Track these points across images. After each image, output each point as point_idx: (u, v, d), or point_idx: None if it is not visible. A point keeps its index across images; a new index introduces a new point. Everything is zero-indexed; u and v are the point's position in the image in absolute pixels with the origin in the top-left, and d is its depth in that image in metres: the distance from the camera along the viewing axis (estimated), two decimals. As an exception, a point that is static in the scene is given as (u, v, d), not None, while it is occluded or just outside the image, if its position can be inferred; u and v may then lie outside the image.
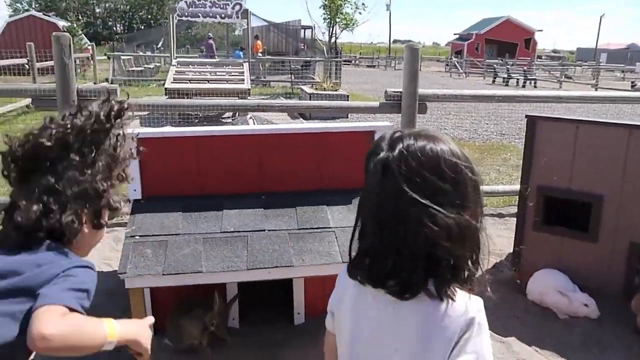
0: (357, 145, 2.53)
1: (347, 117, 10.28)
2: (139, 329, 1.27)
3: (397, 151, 1.05)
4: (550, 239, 3.30)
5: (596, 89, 20.99)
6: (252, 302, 2.78)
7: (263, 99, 13.24)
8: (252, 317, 2.72)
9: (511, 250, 3.65)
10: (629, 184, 3.06)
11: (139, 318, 2.15)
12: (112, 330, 1.17)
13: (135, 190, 2.52)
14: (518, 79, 25.39)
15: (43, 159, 1.27)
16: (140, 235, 2.30)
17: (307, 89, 12.65)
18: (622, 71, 31.47)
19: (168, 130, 2.67)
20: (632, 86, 23.47)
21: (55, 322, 1.08)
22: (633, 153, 3.03)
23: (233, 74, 11.59)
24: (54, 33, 4.36)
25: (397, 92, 4.78)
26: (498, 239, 4.38)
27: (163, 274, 2.12)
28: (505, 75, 25.80)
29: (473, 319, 1.06)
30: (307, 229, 2.35)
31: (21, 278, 1.16)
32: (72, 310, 1.12)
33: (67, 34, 4.32)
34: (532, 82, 24.77)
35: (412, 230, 1.01)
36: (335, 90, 11.99)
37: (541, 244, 3.33)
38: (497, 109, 12.36)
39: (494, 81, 26.71)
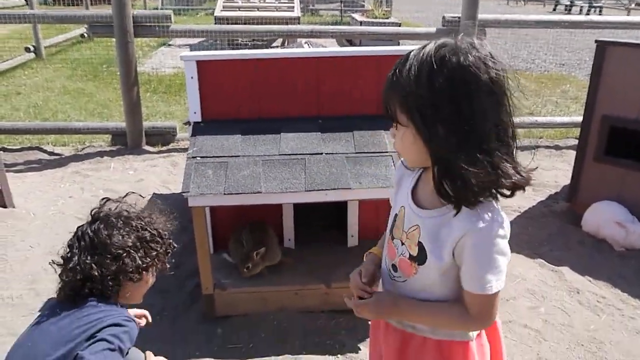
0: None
1: (399, 46, 9.97)
2: None
3: None
4: (612, 171, 3.20)
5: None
6: (308, 224, 2.86)
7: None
8: (307, 239, 2.80)
9: (567, 183, 3.58)
10: (703, 114, 2.90)
11: (200, 236, 2.28)
12: None
13: (195, 113, 2.57)
14: (582, 7, 23.78)
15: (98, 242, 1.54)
16: (201, 157, 2.36)
17: (357, 16, 12.27)
18: (699, -2, 28.92)
19: (227, 53, 2.67)
20: None
21: None
22: None
23: (282, 1, 11.33)
24: (108, -43, 4.35)
25: (455, 17, 4.61)
26: (553, 171, 4.29)
27: (224, 194, 2.18)
28: (568, 3, 24.21)
29: None
30: (364, 152, 2.35)
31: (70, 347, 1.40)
32: None
33: (122, -43, 4.30)
34: (597, 10, 23.17)
35: None
36: (387, 18, 11.58)
37: (601, 176, 3.24)
38: (558, 38, 11.69)
39: (554, 9, 25.14)
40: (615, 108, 3.14)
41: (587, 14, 22.44)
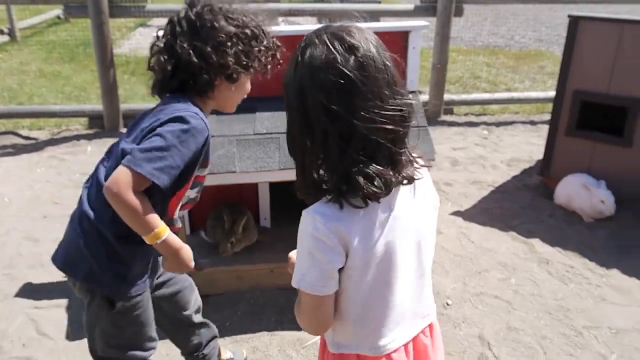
0: (391, 46, 2.48)
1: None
2: (181, 249, 1.41)
3: None
4: (583, 144, 3.27)
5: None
6: (283, 203, 2.88)
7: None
8: (283, 218, 2.83)
9: (541, 157, 3.64)
10: (669, 87, 2.96)
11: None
12: (157, 235, 1.34)
13: (168, 93, 2.57)
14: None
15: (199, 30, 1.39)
16: (175, 137, 2.37)
17: (337, -6, 12.16)
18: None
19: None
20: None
21: (124, 190, 1.26)
22: (677, 55, 2.90)
23: (261, -21, 11.18)
24: None
25: (432, -7, 4.60)
26: (529, 146, 4.36)
27: (198, 174, 2.20)
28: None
29: None
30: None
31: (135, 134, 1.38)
32: (145, 179, 1.27)
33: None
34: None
35: None
36: (367, -4, 11.50)
37: (573, 149, 3.30)
38: (537, 14, 11.75)
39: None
40: (586, 82, 3.19)
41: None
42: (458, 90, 6.21)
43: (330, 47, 0.95)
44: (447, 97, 5.02)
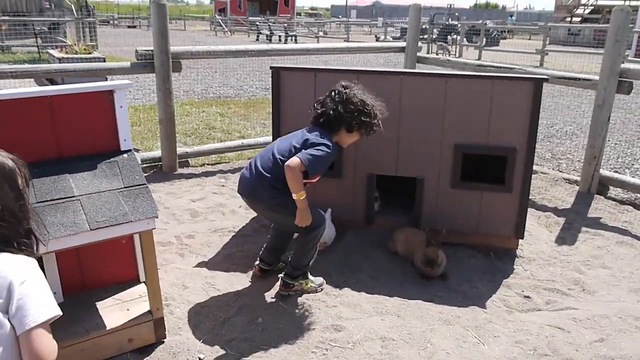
0: (95, 106, 2.38)
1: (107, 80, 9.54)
2: (307, 209, 2.66)
3: None
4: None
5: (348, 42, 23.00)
6: None
7: None
8: None
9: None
10: (362, 122, 3.46)
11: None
12: (300, 195, 2.60)
13: None
14: (280, 36, 26.45)
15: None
16: None
17: (55, 53, 11.31)
18: (369, 26, 35.00)
19: None
20: (376, 39, 26.31)
21: (297, 166, 2.53)
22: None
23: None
24: None
25: (148, 50, 4.62)
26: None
27: None
28: (268, 32, 26.67)
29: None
30: (47, 201, 2.16)
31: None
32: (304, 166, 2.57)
33: None
34: (293, 38, 26.06)
35: None
36: (90, 53, 10.95)
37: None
38: (262, 65, 12.76)
39: (257, 38, 27.39)
40: (297, 124, 3.52)
41: (285, 41, 25.08)
42: (195, 141, 6.31)
43: None
44: (180, 150, 5.05)
